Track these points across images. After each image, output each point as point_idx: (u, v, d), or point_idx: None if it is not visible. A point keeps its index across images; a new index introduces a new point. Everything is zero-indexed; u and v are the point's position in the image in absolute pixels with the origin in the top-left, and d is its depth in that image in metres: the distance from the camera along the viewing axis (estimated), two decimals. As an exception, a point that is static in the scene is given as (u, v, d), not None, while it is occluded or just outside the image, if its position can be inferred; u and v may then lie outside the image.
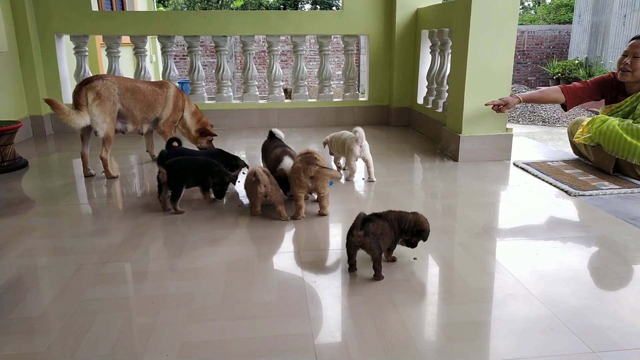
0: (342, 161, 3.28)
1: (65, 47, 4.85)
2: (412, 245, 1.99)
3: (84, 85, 3.13)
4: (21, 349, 1.47)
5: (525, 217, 2.54)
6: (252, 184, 2.49)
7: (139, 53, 4.87)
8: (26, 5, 4.43)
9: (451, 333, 1.54)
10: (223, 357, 1.43)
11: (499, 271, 1.95)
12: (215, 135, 3.67)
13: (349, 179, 3.12)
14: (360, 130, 2.97)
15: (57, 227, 2.44)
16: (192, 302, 1.72)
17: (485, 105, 3.36)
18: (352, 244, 1.86)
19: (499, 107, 3.33)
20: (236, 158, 2.97)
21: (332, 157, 3.36)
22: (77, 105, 3.10)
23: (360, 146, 3.00)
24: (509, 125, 3.63)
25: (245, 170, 2.98)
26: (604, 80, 3.46)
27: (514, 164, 3.48)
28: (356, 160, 3.07)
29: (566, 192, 2.86)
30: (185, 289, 1.81)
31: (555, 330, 1.55)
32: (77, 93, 3.12)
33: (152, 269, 1.98)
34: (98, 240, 2.28)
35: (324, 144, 3.33)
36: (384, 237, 1.86)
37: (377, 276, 1.86)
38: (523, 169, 3.35)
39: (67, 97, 4.82)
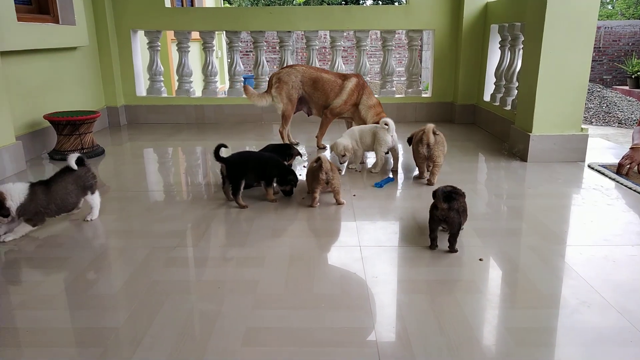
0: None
1: (139, 42, 5.10)
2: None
3: (275, 72, 3.73)
4: (99, 324, 1.57)
5: (600, 222, 2.40)
6: (314, 169, 2.55)
7: (207, 48, 5.03)
8: (105, 2, 4.69)
9: (518, 338, 1.48)
10: (287, 344, 1.46)
11: (571, 277, 1.85)
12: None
13: (373, 170, 3.18)
14: (390, 122, 3.05)
15: (130, 212, 2.58)
16: (257, 289, 1.76)
17: (618, 173, 3.06)
18: (435, 218, 1.98)
19: (630, 165, 3.07)
20: (290, 147, 3.03)
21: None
22: (267, 88, 3.75)
23: (392, 136, 3.07)
24: (583, 126, 3.43)
25: (298, 158, 3.10)
26: None
27: (588, 166, 3.29)
28: (386, 151, 3.14)
29: (647, 197, 2.67)
30: (250, 276, 1.86)
31: (634, 342, 1.45)
32: (269, 78, 3.76)
33: (217, 256, 2.05)
34: (167, 225, 2.38)
35: (331, 148, 3.28)
36: (465, 212, 2.01)
37: (451, 248, 1.98)
38: (599, 171, 3.16)
39: (140, 89, 5.07)
